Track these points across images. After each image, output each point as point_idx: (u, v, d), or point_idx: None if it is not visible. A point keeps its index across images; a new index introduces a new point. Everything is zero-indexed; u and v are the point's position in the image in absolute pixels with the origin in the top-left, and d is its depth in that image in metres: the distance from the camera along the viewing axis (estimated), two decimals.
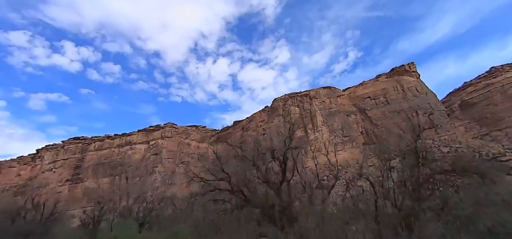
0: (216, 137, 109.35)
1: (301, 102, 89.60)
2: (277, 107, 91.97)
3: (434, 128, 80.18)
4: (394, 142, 73.41)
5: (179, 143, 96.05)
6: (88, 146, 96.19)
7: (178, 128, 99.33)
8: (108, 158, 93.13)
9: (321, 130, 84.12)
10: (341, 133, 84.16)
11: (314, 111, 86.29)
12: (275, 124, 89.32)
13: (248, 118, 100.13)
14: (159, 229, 33.91)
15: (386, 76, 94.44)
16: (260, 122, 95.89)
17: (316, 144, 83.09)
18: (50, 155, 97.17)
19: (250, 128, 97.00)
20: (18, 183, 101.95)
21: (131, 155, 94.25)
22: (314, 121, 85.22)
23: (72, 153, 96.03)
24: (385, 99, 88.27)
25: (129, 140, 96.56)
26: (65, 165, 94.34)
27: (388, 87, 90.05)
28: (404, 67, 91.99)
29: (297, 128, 39.14)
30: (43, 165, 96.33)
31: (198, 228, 22.67)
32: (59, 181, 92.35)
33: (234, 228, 19.60)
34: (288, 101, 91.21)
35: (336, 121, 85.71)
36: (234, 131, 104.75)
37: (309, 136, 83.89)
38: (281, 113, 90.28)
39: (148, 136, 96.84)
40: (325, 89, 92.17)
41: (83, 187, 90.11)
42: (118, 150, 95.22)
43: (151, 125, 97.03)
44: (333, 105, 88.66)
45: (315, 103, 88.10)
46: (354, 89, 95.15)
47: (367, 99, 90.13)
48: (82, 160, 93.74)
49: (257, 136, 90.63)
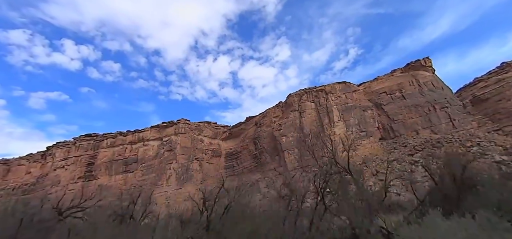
0: (228, 133, 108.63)
1: (317, 97, 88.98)
2: (292, 102, 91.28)
3: (452, 123, 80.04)
4: (412, 137, 72.33)
5: (192, 139, 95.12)
6: (100, 143, 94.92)
7: (191, 124, 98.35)
8: (121, 155, 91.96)
9: (338, 126, 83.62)
10: (358, 128, 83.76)
11: (330, 106, 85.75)
12: (290, 119, 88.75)
13: (262, 114, 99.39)
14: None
15: (401, 71, 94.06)
16: (274, 118, 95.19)
17: (333, 140, 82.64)
18: (62, 152, 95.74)
19: (264, 124, 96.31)
20: (28, 181, 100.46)
21: (144, 152, 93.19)
22: (331, 116, 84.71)
23: (84, 150, 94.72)
24: (401, 94, 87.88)
25: (142, 136, 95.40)
26: (77, 162, 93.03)
27: (404, 82, 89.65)
28: (419, 62, 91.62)
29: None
30: (54, 162, 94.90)
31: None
32: (71, 179, 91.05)
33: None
34: (303, 96, 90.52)
35: (352, 116, 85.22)
36: (247, 127, 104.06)
37: (325, 131, 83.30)
38: (297, 108, 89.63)
39: (161, 133, 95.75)
40: (340, 84, 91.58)
41: (96, 184, 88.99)
42: (130, 147, 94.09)
43: (164, 121, 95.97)
44: (349, 100, 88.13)
45: (331, 98, 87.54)
46: (369, 84, 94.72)
47: (382, 94, 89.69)
48: (95, 157, 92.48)
49: (272, 132, 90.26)
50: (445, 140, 71.31)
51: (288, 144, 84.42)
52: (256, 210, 25.14)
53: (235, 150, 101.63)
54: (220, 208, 21.81)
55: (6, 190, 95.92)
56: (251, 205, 25.08)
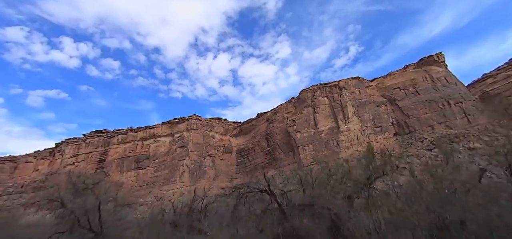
0: (239, 130, 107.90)
1: (331, 92, 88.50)
2: (305, 98, 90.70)
3: (467, 118, 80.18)
4: (428, 132, 71.90)
5: (204, 135, 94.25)
6: (110, 139, 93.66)
7: (203, 120, 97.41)
8: (133, 151, 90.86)
9: (352, 121, 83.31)
10: (373, 124, 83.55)
11: (345, 102, 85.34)
12: (304, 115, 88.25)
13: (273, 110, 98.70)
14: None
15: (414, 67, 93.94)
16: (286, 114, 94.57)
17: (349, 135, 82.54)
18: (71, 149, 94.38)
19: (276, 120, 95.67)
20: (36, 178, 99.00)
21: (156, 148, 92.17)
22: (345, 111, 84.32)
23: (94, 147, 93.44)
24: (415, 89, 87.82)
25: (153, 132, 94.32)
26: (88, 159, 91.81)
27: (417, 78, 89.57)
28: (432, 57, 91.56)
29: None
30: (64, 159, 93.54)
31: None
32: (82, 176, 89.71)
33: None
34: (316, 92, 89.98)
35: (366, 111, 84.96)
36: (258, 124, 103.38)
37: (340, 127, 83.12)
38: (310, 104, 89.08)
39: (173, 129, 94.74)
40: (353, 80, 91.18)
41: (108, 181, 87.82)
42: (142, 143, 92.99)
43: (175, 118, 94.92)
44: (362, 96, 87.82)
45: (345, 94, 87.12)
46: (382, 79, 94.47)
47: (396, 89, 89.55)
48: (106, 154, 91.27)
49: (286, 128, 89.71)
50: (462, 135, 71.36)
51: (303, 140, 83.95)
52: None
53: (246, 146, 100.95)
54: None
55: (15, 187, 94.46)
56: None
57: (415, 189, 19.73)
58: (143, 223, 33.93)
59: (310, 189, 23.22)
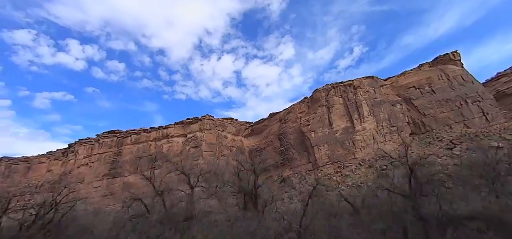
0: (250, 130, 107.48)
1: (345, 92, 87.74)
2: (319, 97, 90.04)
3: (485, 117, 78.88)
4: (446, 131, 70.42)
5: (217, 135, 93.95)
6: (123, 139, 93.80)
7: (216, 121, 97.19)
8: (146, 152, 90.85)
9: (368, 120, 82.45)
10: (389, 123, 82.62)
11: (360, 101, 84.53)
12: (318, 115, 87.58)
13: (286, 110, 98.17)
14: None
15: (429, 65, 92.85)
16: (299, 114, 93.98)
17: (364, 135, 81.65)
18: (85, 149, 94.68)
19: (289, 120, 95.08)
20: (49, 179, 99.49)
21: (169, 148, 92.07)
22: (360, 111, 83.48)
23: (107, 147, 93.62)
24: (431, 88, 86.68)
25: (166, 133, 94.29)
26: (101, 159, 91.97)
27: (433, 76, 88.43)
28: (448, 56, 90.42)
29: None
30: (77, 160, 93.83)
31: None
32: (95, 176, 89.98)
33: None
34: (330, 91, 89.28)
35: (382, 111, 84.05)
36: (270, 124, 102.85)
37: (355, 127, 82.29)
38: (324, 103, 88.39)
39: (185, 129, 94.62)
40: (367, 79, 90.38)
41: (122, 181, 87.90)
42: (155, 143, 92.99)
43: (188, 118, 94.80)
44: (377, 95, 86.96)
45: (360, 93, 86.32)
46: (396, 78, 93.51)
47: (411, 88, 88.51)
48: (119, 154, 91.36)
49: (300, 127, 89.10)
50: (482, 133, 70.17)
51: (318, 139, 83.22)
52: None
53: (258, 146, 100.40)
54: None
55: (30, 187, 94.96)
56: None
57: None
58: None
59: None
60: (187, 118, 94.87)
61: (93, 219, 38.54)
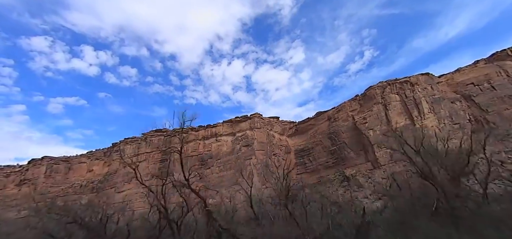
0: (294, 130, 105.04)
1: (402, 89, 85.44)
2: (374, 95, 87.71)
3: None
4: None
5: (267, 134, 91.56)
6: (171, 138, 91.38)
7: (264, 119, 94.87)
8: (196, 151, 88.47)
9: (428, 118, 79.90)
10: (450, 121, 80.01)
11: (419, 98, 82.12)
12: (375, 112, 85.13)
13: (336, 108, 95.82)
14: None
15: (484, 62, 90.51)
16: (351, 112, 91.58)
17: (426, 133, 78.91)
18: (131, 148, 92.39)
19: (340, 118, 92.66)
20: (91, 179, 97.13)
21: (218, 147, 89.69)
22: (420, 108, 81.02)
23: (155, 146, 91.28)
24: (490, 85, 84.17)
25: (214, 131, 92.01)
26: (149, 158, 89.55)
27: (491, 73, 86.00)
28: (505, 52, 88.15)
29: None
30: (123, 159, 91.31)
31: None
32: (144, 176, 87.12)
33: None
34: (386, 88, 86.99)
35: (442, 108, 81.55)
36: (317, 123, 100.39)
37: (415, 124, 79.64)
38: (380, 101, 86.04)
39: (234, 128, 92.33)
40: (423, 76, 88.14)
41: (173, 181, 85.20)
42: (203, 143, 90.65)
43: (237, 116, 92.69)
44: (435, 92, 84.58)
45: (418, 90, 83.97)
46: (451, 75, 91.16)
47: (469, 85, 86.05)
48: (168, 153, 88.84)
49: (355, 125, 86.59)
50: None
51: (377, 137, 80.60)
52: None
53: (305, 146, 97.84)
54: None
55: (74, 187, 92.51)
56: None
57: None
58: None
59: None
60: (236, 116, 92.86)
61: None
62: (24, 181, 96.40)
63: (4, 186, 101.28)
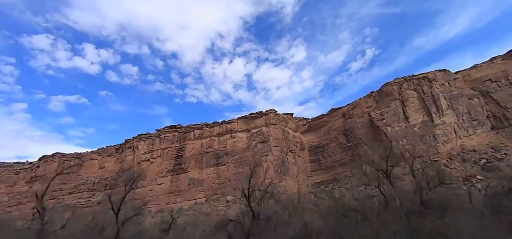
0: (307, 127, 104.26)
1: (419, 85, 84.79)
2: (390, 91, 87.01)
3: None
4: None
5: (282, 131, 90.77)
6: (185, 134, 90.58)
7: (279, 116, 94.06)
8: (211, 147, 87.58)
9: (447, 114, 79.35)
10: (469, 117, 79.53)
11: (437, 95, 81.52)
12: (392, 108, 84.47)
13: (351, 105, 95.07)
14: None
15: (501, 58, 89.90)
16: (366, 108, 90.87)
17: (445, 129, 78.52)
18: (145, 144, 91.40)
19: (355, 115, 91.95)
20: (103, 175, 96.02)
21: (233, 144, 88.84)
22: (438, 104, 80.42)
23: (170, 142, 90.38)
24: (508, 81, 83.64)
25: (229, 128, 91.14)
26: (164, 155, 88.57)
27: (508, 69, 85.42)
28: None
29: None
30: (137, 155, 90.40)
31: None
32: (159, 172, 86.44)
33: None
34: (403, 84, 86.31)
35: (460, 104, 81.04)
36: (331, 119, 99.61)
37: (434, 121, 79.16)
38: (397, 97, 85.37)
39: (249, 124, 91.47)
40: (440, 72, 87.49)
41: (187, 178, 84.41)
42: (218, 139, 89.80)
43: (252, 112, 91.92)
44: (453, 88, 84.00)
45: (435, 86, 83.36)
46: (468, 72, 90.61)
47: (487, 81, 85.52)
48: (183, 150, 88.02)
49: (369, 122, 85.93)
50: None
51: (394, 134, 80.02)
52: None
53: (319, 143, 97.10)
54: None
55: (87, 184, 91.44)
56: None
57: None
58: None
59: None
60: (251, 113, 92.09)
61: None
62: (35, 178, 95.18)
63: (14, 183, 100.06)
